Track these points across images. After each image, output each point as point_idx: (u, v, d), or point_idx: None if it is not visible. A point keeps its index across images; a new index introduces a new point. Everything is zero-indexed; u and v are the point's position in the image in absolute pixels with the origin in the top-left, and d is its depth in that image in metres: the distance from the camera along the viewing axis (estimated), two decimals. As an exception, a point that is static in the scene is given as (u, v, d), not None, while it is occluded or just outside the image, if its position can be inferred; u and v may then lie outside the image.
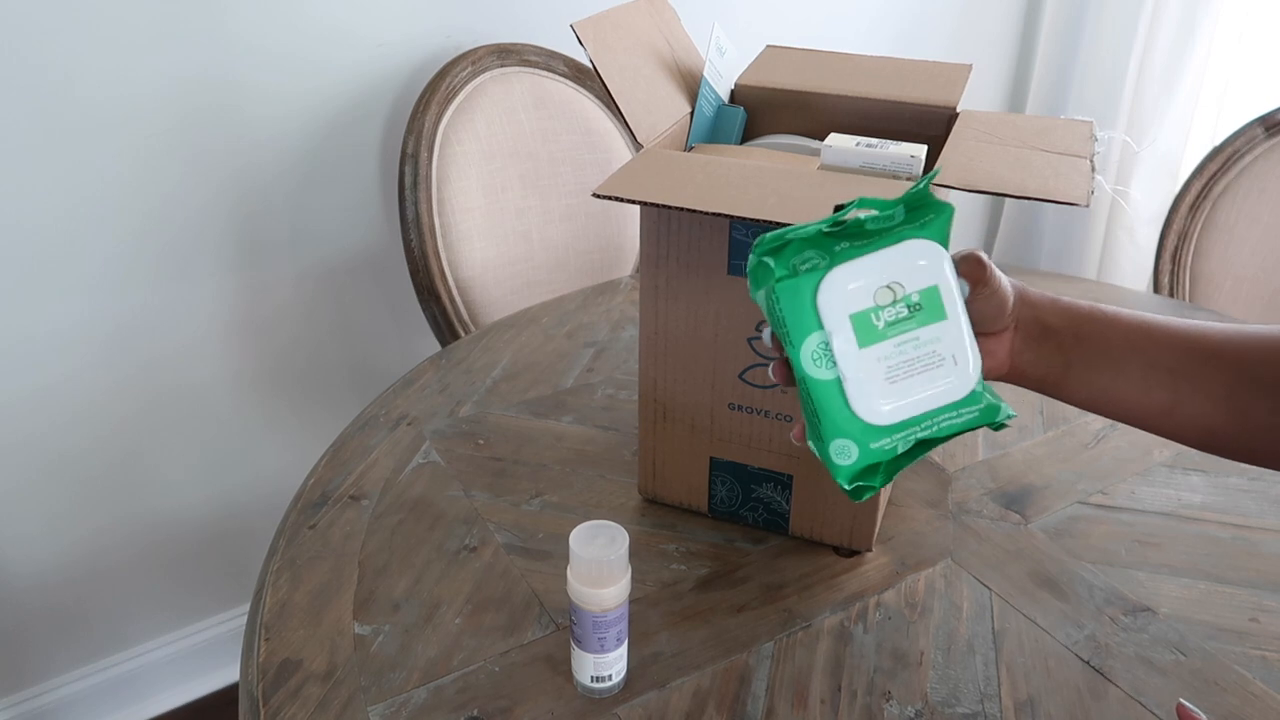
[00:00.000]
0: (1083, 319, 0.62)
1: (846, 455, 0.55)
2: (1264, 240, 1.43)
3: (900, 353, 0.54)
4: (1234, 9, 1.82)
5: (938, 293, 0.54)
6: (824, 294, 0.53)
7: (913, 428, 0.55)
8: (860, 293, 0.53)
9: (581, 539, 0.64)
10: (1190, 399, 0.60)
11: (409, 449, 0.93)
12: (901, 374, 0.54)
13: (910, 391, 0.54)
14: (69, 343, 1.29)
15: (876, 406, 0.54)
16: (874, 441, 0.54)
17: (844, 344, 0.53)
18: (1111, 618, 0.76)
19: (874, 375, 0.54)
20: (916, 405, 0.54)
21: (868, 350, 0.54)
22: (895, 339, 0.54)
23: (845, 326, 0.53)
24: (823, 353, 0.54)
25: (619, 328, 1.16)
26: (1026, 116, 0.80)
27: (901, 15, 1.91)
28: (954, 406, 0.55)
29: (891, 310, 0.53)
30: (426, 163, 1.34)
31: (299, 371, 1.50)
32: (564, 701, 0.68)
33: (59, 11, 1.14)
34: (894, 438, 0.55)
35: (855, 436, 0.54)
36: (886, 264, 0.54)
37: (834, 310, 0.53)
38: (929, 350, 0.54)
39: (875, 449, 0.55)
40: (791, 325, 0.54)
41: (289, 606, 0.75)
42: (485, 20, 1.45)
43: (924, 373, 0.54)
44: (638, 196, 0.66)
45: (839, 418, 0.54)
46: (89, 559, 1.41)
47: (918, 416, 0.55)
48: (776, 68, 0.91)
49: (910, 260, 0.54)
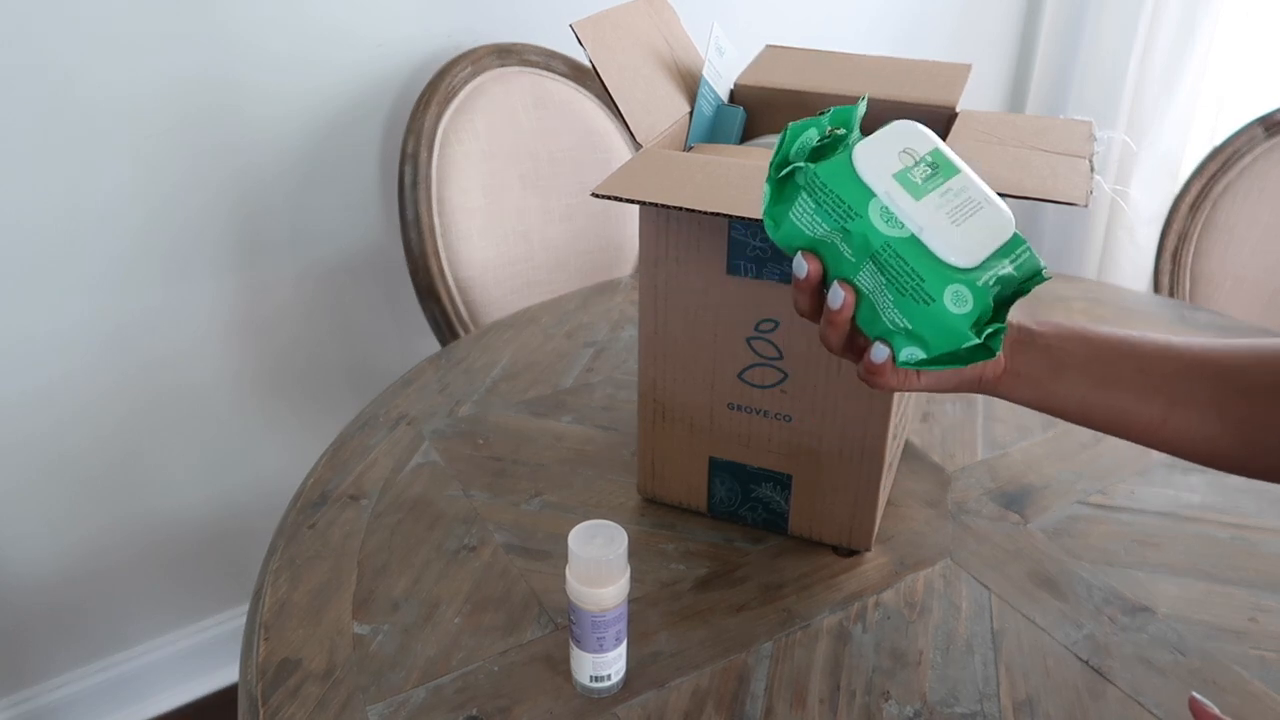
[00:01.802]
0: (1069, 330, 0.62)
1: (963, 301, 0.54)
2: (1264, 240, 1.43)
3: (947, 200, 0.55)
4: (1234, 9, 1.82)
5: (942, 153, 0.56)
6: (861, 164, 0.55)
7: (997, 265, 0.55)
8: (887, 157, 0.55)
9: (580, 538, 0.64)
10: (1182, 411, 0.60)
11: (408, 449, 0.93)
12: (961, 216, 0.55)
13: (975, 231, 0.55)
14: (69, 342, 1.29)
15: (959, 247, 0.55)
16: (979, 279, 0.55)
17: (901, 201, 0.55)
18: (1110, 617, 0.76)
19: (940, 221, 0.55)
20: (987, 244, 0.55)
21: (924, 201, 0.55)
22: (936, 191, 0.55)
23: (895, 186, 0.55)
24: (889, 214, 0.55)
25: (619, 328, 1.16)
26: (1026, 116, 0.80)
27: (901, 15, 1.91)
28: (1009, 249, 0.55)
29: (919, 170, 0.55)
30: (426, 163, 1.34)
31: (299, 371, 1.50)
32: (563, 701, 0.68)
33: (59, 12, 1.14)
34: (989, 274, 0.55)
35: (961, 279, 0.54)
36: (890, 136, 0.56)
37: (877, 176, 0.55)
38: (966, 197, 0.55)
39: (982, 286, 0.55)
40: (850, 198, 0.56)
41: (288, 606, 0.75)
42: (485, 20, 1.45)
43: (975, 214, 0.55)
44: (637, 196, 0.66)
45: (936, 268, 0.55)
46: (89, 559, 1.41)
47: (995, 253, 0.55)
48: (776, 68, 0.91)
49: (906, 134, 0.56)
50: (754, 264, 0.73)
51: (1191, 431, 0.61)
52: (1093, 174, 0.69)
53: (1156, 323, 1.19)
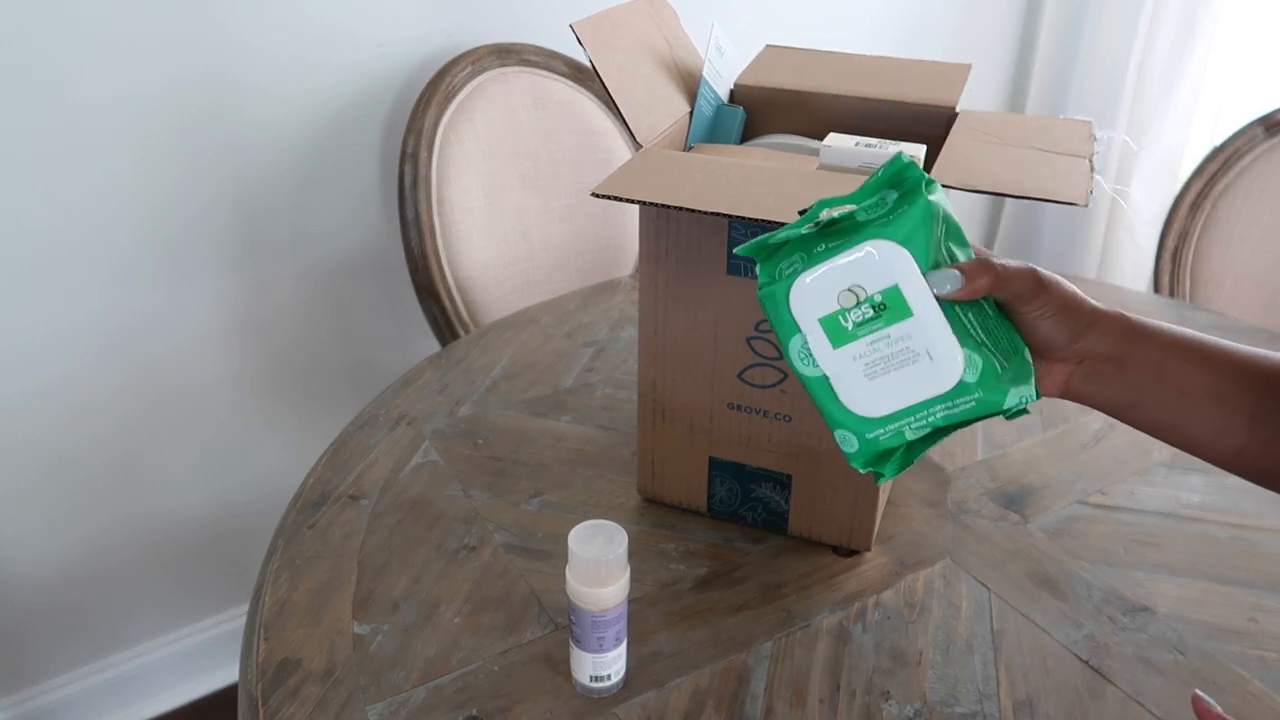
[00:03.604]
0: (1167, 355, 0.58)
1: (849, 443, 0.58)
2: (1264, 240, 1.43)
3: (874, 350, 0.55)
4: (1234, 9, 1.82)
5: (899, 291, 0.54)
6: (794, 300, 0.56)
7: (907, 418, 0.56)
8: (826, 297, 0.55)
9: (580, 538, 0.64)
10: (1266, 443, 0.57)
11: (408, 449, 0.93)
12: (879, 371, 0.55)
13: (892, 387, 0.55)
14: (69, 342, 1.29)
15: (862, 400, 0.56)
16: (869, 432, 0.57)
17: (819, 345, 0.56)
18: (1110, 617, 0.76)
19: (853, 373, 0.56)
20: (901, 398, 0.56)
21: (842, 350, 0.55)
22: (866, 338, 0.55)
23: (817, 329, 0.55)
24: (806, 353, 0.56)
25: (618, 327, 1.16)
26: (1026, 116, 0.80)
27: (901, 15, 1.91)
28: (945, 399, 0.55)
29: (858, 312, 0.55)
30: (426, 162, 1.34)
31: (299, 371, 1.50)
32: (563, 701, 0.68)
33: (59, 12, 1.14)
34: (888, 429, 0.57)
35: (851, 427, 0.57)
36: (848, 267, 0.54)
37: (805, 315, 0.56)
38: (902, 347, 0.55)
39: (872, 438, 0.57)
40: (777, 328, 0.57)
41: (288, 606, 0.75)
42: (485, 20, 1.45)
43: (900, 369, 0.55)
44: (637, 196, 0.66)
45: (834, 410, 0.57)
46: (89, 559, 1.41)
47: (907, 409, 0.56)
48: (776, 67, 0.91)
49: (871, 260, 0.54)
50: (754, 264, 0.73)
51: (1273, 463, 0.58)
52: (1093, 174, 0.69)
53: (1156, 323, 1.19)
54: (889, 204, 0.55)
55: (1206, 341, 0.59)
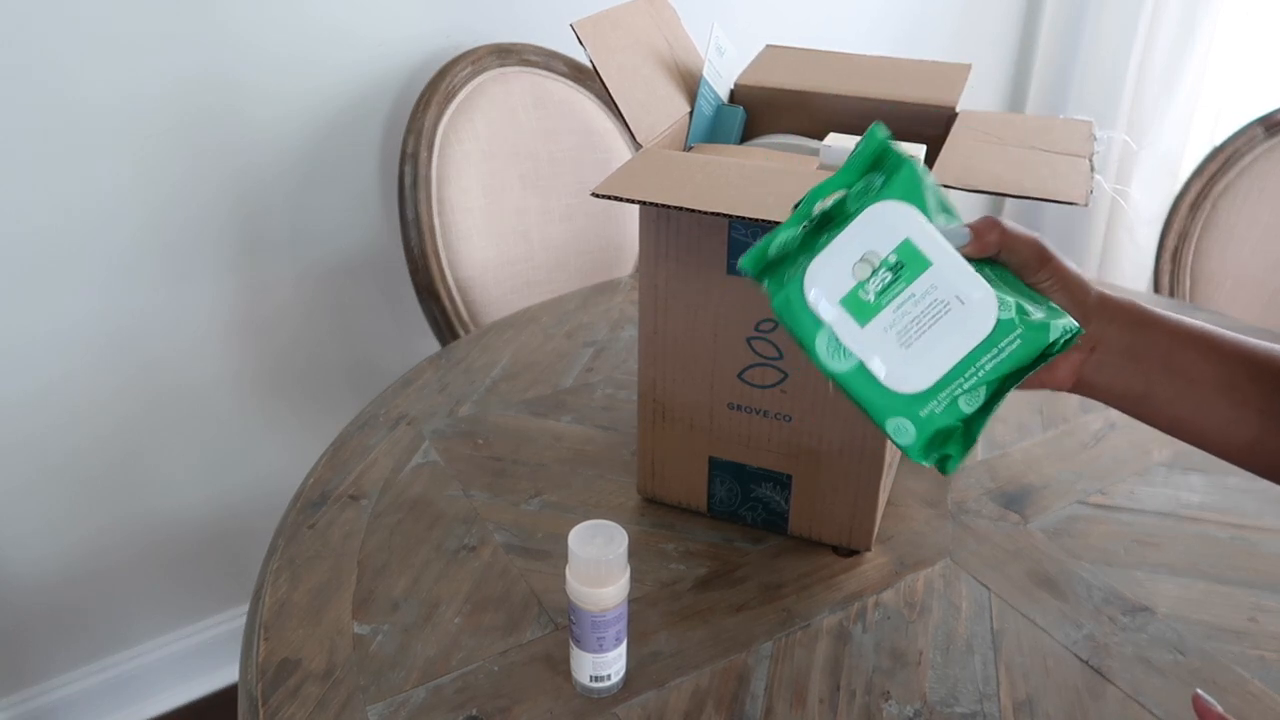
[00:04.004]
0: (1182, 346, 0.58)
1: (905, 433, 0.54)
2: (1264, 240, 1.43)
3: (902, 315, 0.53)
4: (1234, 9, 1.82)
5: (912, 244, 0.53)
6: (809, 292, 0.54)
7: (956, 380, 0.53)
8: (840, 277, 0.54)
9: (580, 538, 0.64)
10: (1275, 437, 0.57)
11: (408, 449, 0.93)
12: (913, 335, 0.53)
13: (931, 348, 0.53)
14: (69, 343, 1.29)
15: (905, 374, 0.53)
16: (922, 408, 0.53)
17: (846, 330, 0.53)
18: (1110, 617, 0.76)
19: (887, 346, 0.53)
20: (944, 358, 0.53)
21: (870, 325, 0.53)
22: (892, 305, 0.53)
23: (841, 313, 0.54)
24: (835, 346, 0.54)
25: (618, 327, 1.16)
26: (1026, 116, 0.80)
27: (901, 15, 1.91)
28: (989, 345, 0.52)
29: (876, 280, 0.53)
30: (426, 162, 1.34)
31: (299, 371, 1.50)
32: (563, 701, 0.68)
33: (59, 12, 1.14)
34: (940, 399, 0.53)
35: (903, 411, 0.53)
36: (854, 240, 0.54)
37: (824, 303, 0.54)
38: (930, 301, 0.53)
39: (926, 416, 0.53)
40: (799, 333, 0.55)
41: (288, 606, 0.75)
42: (485, 20, 1.45)
43: (935, 325, 0.53)
44: (637, 196, 0.66)
45: (880, 400, 0.54)
46: (89, 559, 1.41)
47: (954, 369, 0.53)
48: (776, 67, 0.91)
49: (876, 226, 0.53)
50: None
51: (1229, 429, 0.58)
52: (1093, 174, 0.69)
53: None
54: (876, 186, 0.54)
55: (1215, 332, 0.59)
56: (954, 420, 0.54)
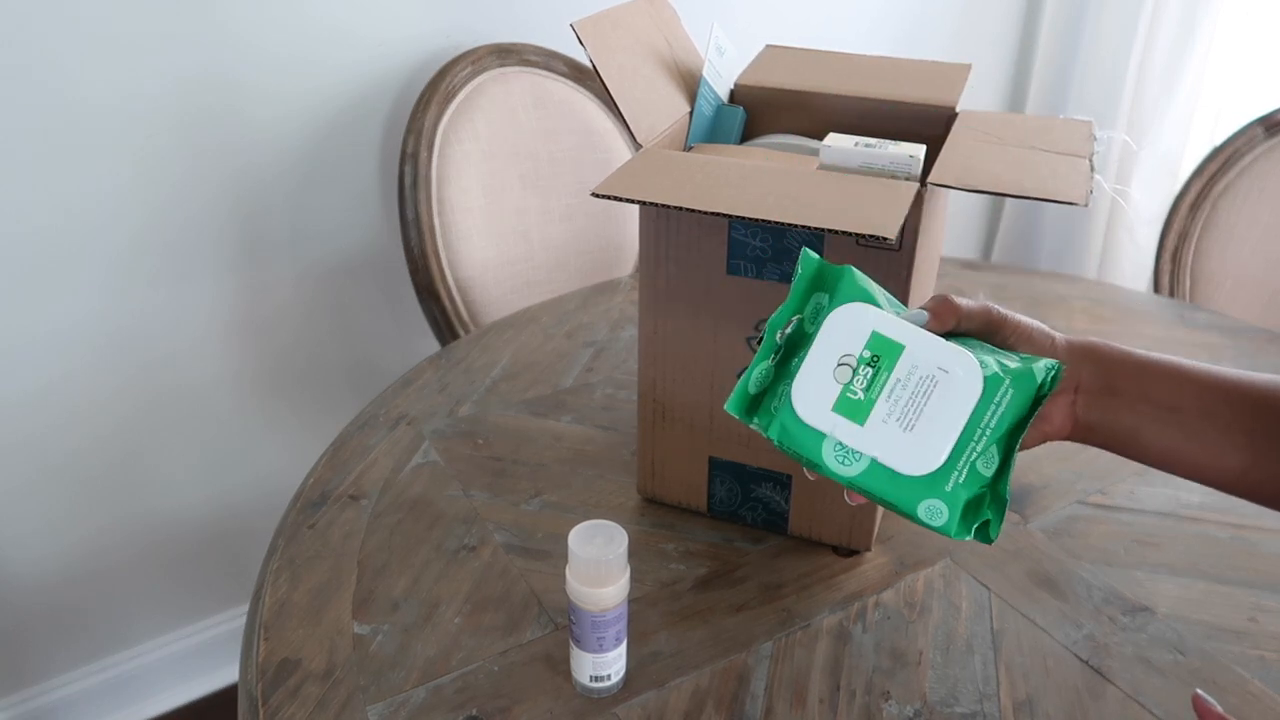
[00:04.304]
0: (1152, 376, 0.59)
1: (938, 515, 0.54)
2: (1264, 240, 1.43)
3: (896, 401, 0.54)
4: (1234, 9, 1.82)
5: (880, 334, 0.55)
6: (801, 410, 0.55)
7: (968, 448, 0.54)
8: (825, 386, 0.55)
9: (580, 538, 0.64)
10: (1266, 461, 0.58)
11: (408, 449, 0.93)
12: (913, 414, 0.54)
13: (933, 423, 0.54)
14: (69, 343, 1.29)
15: (918, 457, 0.54)
16: (946, 484, 0.54)
17: (848, 432, 0.54)
18: (1110, 617, 0.76)
19: (892, 435, 0.54)
20: (950, 429, 0.54)
21: (870, 421, 0.54)
22: (882, 395, 0.54)
23: (837, 419, 0.55)
24: (842, 451, 0.55)
25: (618, 327, 1.16)
26: (1026, 116, 0.80)
27: (901, 15, 1.91)
28: (985, 403, 0.54)
29: (859, 378, 0.54)
30: (426, 162, 1.34)
31: (299, 371, 1.50)
32: (563, 701, 0.68)
33: (59, 12, 1.14)
34: (960, 468, 0.54)
35: (928, 493, 0.54)
36: (825, 350, 0.55)
37: (819, 416, 0.55)
38: (915, 380, 0.54)
39: (953, 490, 0.54)
40: (803, 453, 0.56)
41: (288, 606, 0.75)
42: (485, 20, 1.45)
43: (929, 401, 0.54)
44: (637, 196, 0.66)
45: (903, 490, 0.54)
46: (89, 559, 1.41)
47: (962, 435, 0.54)
48: (776, 67, 0.91)
49: (840, 331, 0.55)
50: (754, 264, 0.73)
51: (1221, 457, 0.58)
52: (1093, 174, 0.69)
53: (1156, 323, 1.19)
54: (825, 305, 0.56)
55: (1183, 362, 0.60)
56: (979, 487, 0.54)
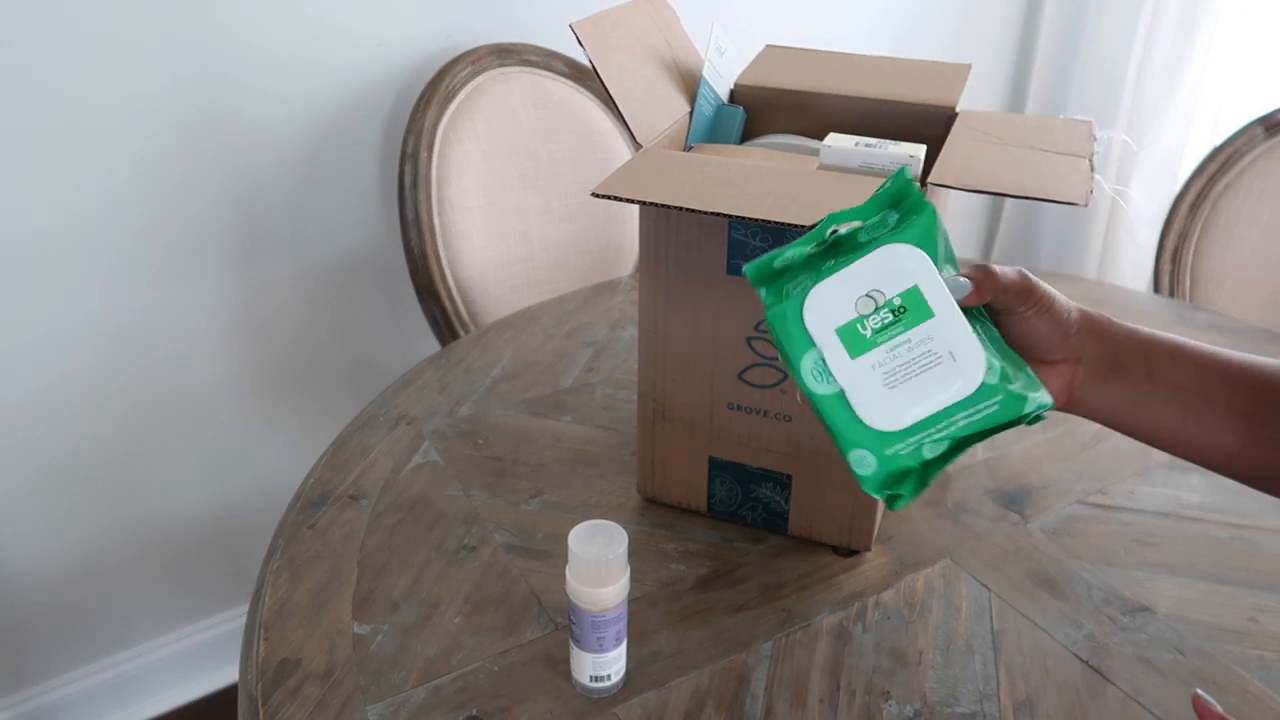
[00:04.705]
0: (1158, 355, 0.59)
1: (865, 465, 0.55)
2: (1264, 240, 1.43)
3: (894, 357, 0.54)
4: (1234, 9, 1.82)
5: (919, 292, 0.54)
6: (809, 313, 0.55)
7: (928, 430, 0.54)
8: (842, 305, 0.54)
9: (580, 538, 0.64)
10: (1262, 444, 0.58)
11: (408, 449, 0.93)
12: (899, 378, 0.54)
13: (913, 394, 0.54)
14: (69, 343, 1.29)
15: (881, 413, 0.54)
16: (889, 447, 0.55)
17: (836, 357, 0.54)
18: (1110, 617, 0.76)
19: (872, 383, 0.54)
20: (923, 406, 0.54)
21: (861, 359, 0.54)
22: (886, 345, 0.54)
23: (834, 341, 0.54)
24: (821, 369, 0.55)
25: (618, 327, 1.16)
26: (1026, 116, 0.80)
27: (901, 15, 1.91)
28: (968, 403, 0.54)
29: (876, 318, 0.54)
30: (426, 162, 1.34)
31: (299, 371, 1.50)
32: (563, 701, 0.68)
33: (59, 12, 1.14)
34: (908, 442, 0.55)
35: (869, 445, 0.55)
36: (864, 273, 0.54)
37: (820, 327, 0.54)
38: (923, 350, 0.54)
39: (891, 455, 0.55)
40: (788, 348, 0.56)
41: (288, 606, 0.75)
42: (485, 20, 1.45)
43: (923, 373, 0.54)
44: (637, 196, 0.66)
45: (850, 429, 0.55)
46: (89, 559, 1.41)
47: (929, 418, 0.54)
48: (776, 67, 0.91)
49: (888, 265, 0.54)
50: (754, 264, 0.73)
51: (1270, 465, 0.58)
52: (1093, 174, 0.69)
53: (1156, 322, 1.19)
54: (890, 224, 0.55)
55: (1187, 342, 0.60)
56: (914, 463, 0.55)
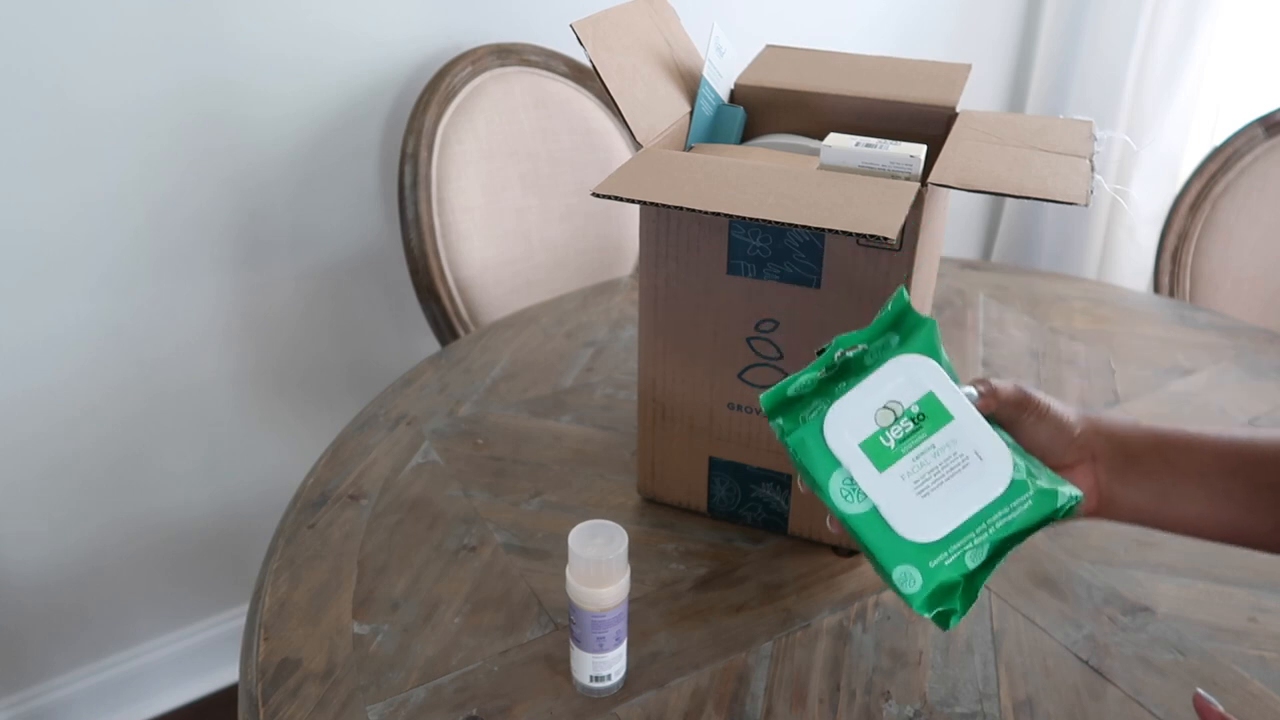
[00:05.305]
0: (1169, 444, 0.59)
1: (911, 582, 0.54)
2: (1264, 240, 1.43)
3: (921, 465, 0.54)
4: (1234, 10, 1.82)
5: (935, 398, 0.55)
6: (829, 433, 0.54)
7: (967, 535, 0.54)
8: (862, 421, 0.54)
9: (580, 538, 0.64)
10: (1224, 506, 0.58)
11: (408, 448, 0.93)
12: (931, 484, 0.54)
13: (947, 499, 0.54)
14: (70, 343, 1.29)
15: (919, 523, 0.54)
16: (931, 559, 0.54)
17: (864, 473, 0.54)
18: (1110, 617, 0.76)
19: (904, 493, 0.54)
20: (959, 511, 0.54)
21: (889, 471, 0.54)
22: (911, 453, 0.54)
23: (859, 456, 0.54)
24: (850, 488, 0.54)
25: (618, 327, 1.16)
26: (1026, 116, 0.80)
27: (901, 15, 1.91)
28: (1002, 503, 0.54)
29: (897, 428, 0.54)
30: (426, 162, 1.34)
31: (299, 371, 1.50)
32: (563, 701, 0.68)
33: (60, 13, 1.14)
34: (951, 550, 0.54)
35: (912, 560, 0.54)
36: (878, 387, 0.55)
37: (844, 445, 0.54)
38: (950, 454, 0.54)
39: (935, 567, 0.54)
40: (814, 472, 0.55)
41: (288, 606, 0.75)
42: (485, 20, 1.45)
43: (953, 477, 0.54)
44: (637, 196, 0.66)
45: (890, 546, 0.54)
46: (89, 559, 1.41)
47: (967, 523, 0.54)
48: (776, 67, 0.91)
49: (900, 376, 0.55)
50: (754, 264, 0.73)
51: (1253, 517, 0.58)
52: (1093, 174, 0.69)
53: (1156, 322, 1.19)
54: (893, 345, 0.56)
55: (1191, 428, 0.61)
56: (958, 574, 0.54)
